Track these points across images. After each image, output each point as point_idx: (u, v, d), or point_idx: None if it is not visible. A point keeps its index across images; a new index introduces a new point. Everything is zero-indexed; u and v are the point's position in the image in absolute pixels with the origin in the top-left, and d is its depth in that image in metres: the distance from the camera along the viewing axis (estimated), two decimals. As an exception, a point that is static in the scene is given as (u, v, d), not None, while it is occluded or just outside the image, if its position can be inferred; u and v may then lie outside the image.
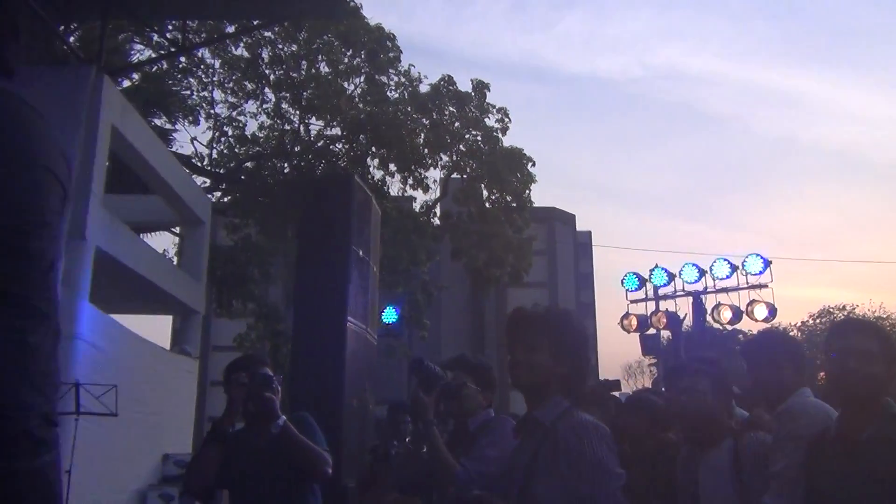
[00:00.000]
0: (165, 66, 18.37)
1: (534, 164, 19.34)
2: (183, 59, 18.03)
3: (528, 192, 19.32)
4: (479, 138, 19.15)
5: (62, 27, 9.97)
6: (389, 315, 12.55)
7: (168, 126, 18.65)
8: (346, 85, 19.06)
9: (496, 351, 27.90)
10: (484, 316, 33.49)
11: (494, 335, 31.39)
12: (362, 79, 19.18)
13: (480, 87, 19.19)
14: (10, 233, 1.54)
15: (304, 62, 18.68)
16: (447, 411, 3.89)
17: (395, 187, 18.84)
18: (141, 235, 13.03)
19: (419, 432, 3.99)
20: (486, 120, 19.24)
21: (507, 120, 19.34)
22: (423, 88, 19.09)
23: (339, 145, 18.98)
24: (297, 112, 18.88)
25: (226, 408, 3.54)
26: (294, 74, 18.58)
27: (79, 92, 8.55)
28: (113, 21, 12.70)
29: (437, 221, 20.19)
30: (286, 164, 18.70)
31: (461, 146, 19.10)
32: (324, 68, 18.89)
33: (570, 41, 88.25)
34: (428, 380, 3.64)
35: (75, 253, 8.03)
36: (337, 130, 18.91)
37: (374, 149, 18.43)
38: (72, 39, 14.27)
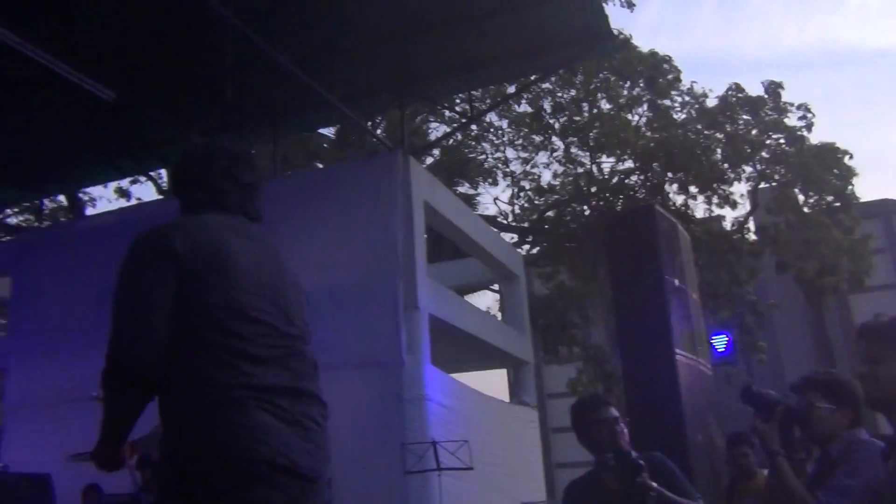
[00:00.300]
0: (460, 136, 19.66)
1: (851, 157, 17.46)
2: (474, 127, 19.18)
3: (850, 187, 17.45)
4: (781, 141, 17.77)
5: (369, 122, 11.14)
6: (720, 342, 11.97)
7: (471, 191, 19.89)
8: (629, 117, 18.86)
9: (848, 365, 25.18)
10: (826, 329, 30.43)
11: (843, 348, 28.36)
12: (645, 107, 18.85)
13: (773, 88, 17.86)
14: (299, 342, 2.03)
15: (584, 104, 18.88)
16: (803, 438, 3.57)
17: (699, 209, 18.10)
18: (464, 297, 13.89)
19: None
20: (786, 120, 17.82)
21: (810, 115, 17.71)
22: (711, 102, 18.26)
23: (634, 178, 18.74)
24: (587, 153, 19.04)
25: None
26: (577, 118, 18.83)
27: (392, 176, 9.48)
28: (409, 107, 13.96)
29: (752, 236, 18.96)
30: (585, 207, 18.85)
31: (763, 153, 17.85)
32: (605, 105, 18.90)
33: (868, 15, 79.07)
34: (762, 407, 3.37)
35: (412, 321, 8.81)
36: (629, 163, 18.72)
37: (669, 174, 17.92)
38: (378, 131, 15.89)
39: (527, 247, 19.87)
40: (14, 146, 11.43)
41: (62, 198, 17.86)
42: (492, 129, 20.06)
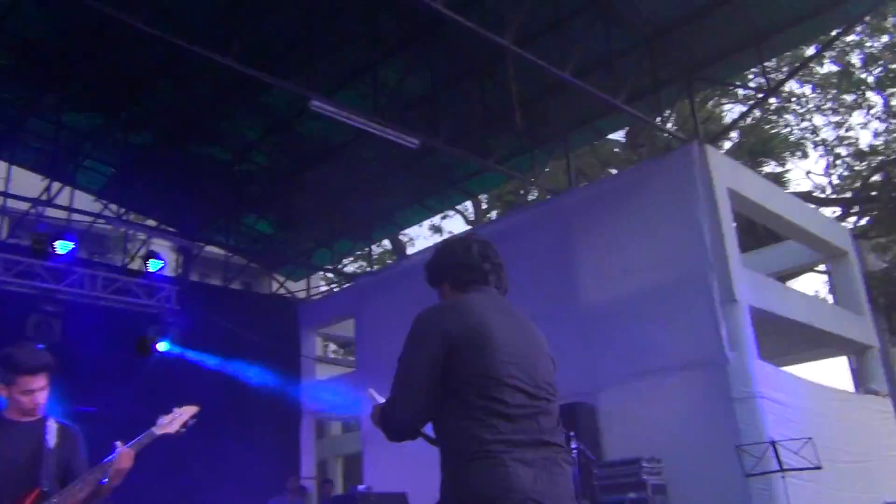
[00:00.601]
0: (758, 113, 18.44)
1: None
2: (773, 100, 17.88)
3: None
4: None
5: (658, 119, 10.93)
6: None
7: (779, 169, 18.52)
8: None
9: None
10: None
11: None
12: None
13: None
14: (545, 402, 2.35)
15: (901, 47, 16.73)
16: None
17: None
18: (787, 283, 12.96)
19: None
20: None
21: None
22: None
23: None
24: (914, 101, 16.86)
25: None
26: (894, 66, 16.74)
27: (689, 169, 9.21)
28: (699, 94, 13.43)
29: None
30: (920, 163, 16.67)
31: None
32: (926, 43, 16.59)
33: None
34: None
35: (731, 316, 8.43)
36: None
37: None
38: (669, 125, 15.47)
39: (853, 219, 18.02)
40: (343, 205, 12.99)
41: (387, 242, 19.83)
42: (793, 99, 18.58)
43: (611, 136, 16.51)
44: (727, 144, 18.02)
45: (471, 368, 2.27)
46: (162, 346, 10.38)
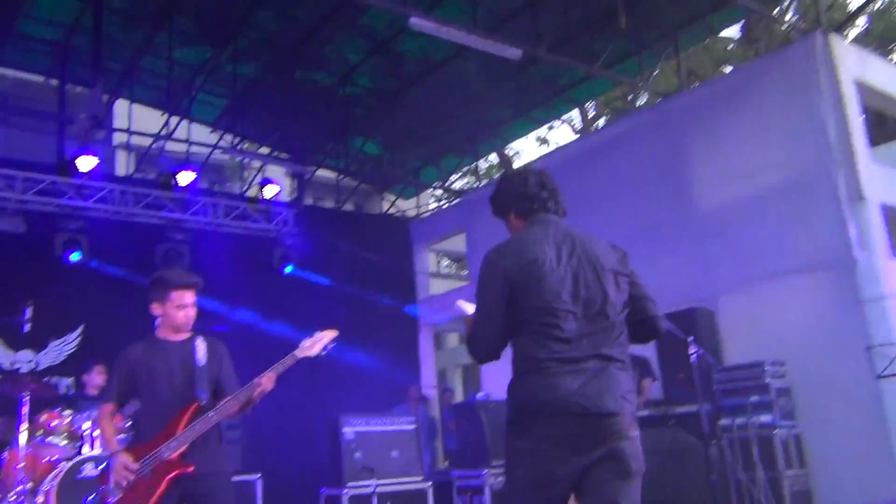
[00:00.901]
0: (889, -3, 17.00)
1: None
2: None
3: None
4: None
5: (776, 10, 10.25)
6: None
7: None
8: None
9: None
10: None
11: None
12: None
13: None
14: (599, 319, 2.63)
15: None
16: None
17: None
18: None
19: None
20: None
21: None
22: None
23: None
24: None
25: None
26: None
27: (812, 61, 8.66)
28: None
29: None
30: None
31: None
32: None
33: None
34: None
35: (861, 214, 8.04)
36: None
37: None
38: (788, 17, 14.48)
39: None
40: (448, 122, 12.96)
41: (493, 157, 19.73)
42: (931, -25, 16.99)
43: (724, 34, 15.64)
44: (854, 33, 16.75)
45: (530, 301, 2.62)
46: (286, 269, 10.87)
